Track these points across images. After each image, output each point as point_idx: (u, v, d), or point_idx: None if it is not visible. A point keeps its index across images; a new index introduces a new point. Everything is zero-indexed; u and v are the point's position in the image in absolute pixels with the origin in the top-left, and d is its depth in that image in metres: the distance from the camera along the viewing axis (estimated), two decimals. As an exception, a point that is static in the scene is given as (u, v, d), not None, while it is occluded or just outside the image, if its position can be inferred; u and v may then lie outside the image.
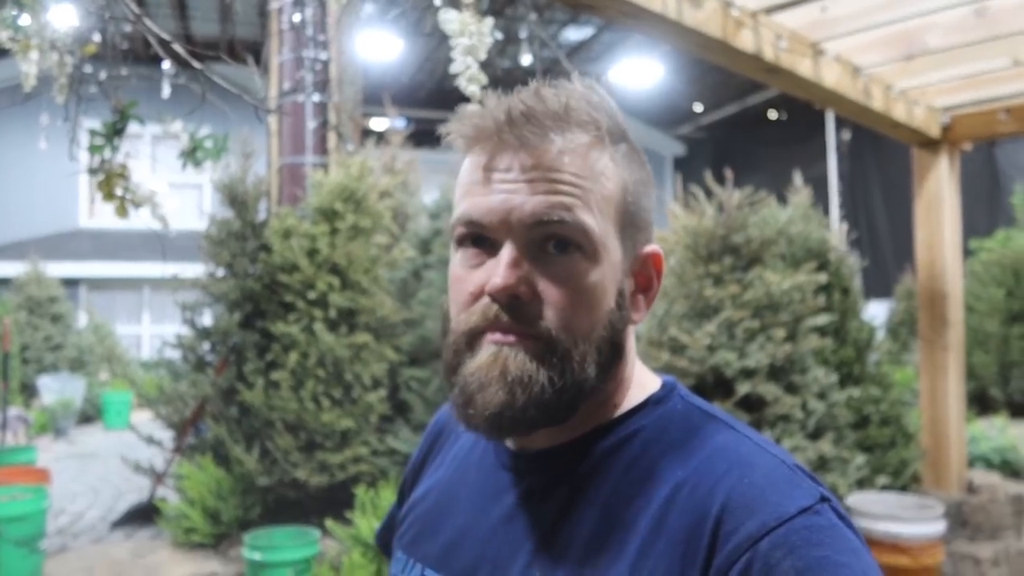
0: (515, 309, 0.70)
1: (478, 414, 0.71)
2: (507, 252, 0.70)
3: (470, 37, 1.35)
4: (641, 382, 0.80)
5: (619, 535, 0.69)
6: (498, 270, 0.69)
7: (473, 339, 0.72)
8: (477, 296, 0.72)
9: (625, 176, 0.75)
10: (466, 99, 1.24)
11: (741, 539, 0.63)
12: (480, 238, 0.73)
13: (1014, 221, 9.20)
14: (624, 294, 0.75)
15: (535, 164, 0.70)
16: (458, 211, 0.74)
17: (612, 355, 0.74)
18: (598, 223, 0.71)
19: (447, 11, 1.34)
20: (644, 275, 0.78)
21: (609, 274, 0.73)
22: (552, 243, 0.70)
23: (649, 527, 0.68)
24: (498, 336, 0.70)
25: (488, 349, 0.71)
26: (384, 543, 1.01)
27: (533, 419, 0.70)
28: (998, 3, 3.29)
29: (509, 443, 0.81)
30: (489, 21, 1.37)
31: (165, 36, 1.27)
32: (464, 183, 0.74)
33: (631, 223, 0.75)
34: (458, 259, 0.75)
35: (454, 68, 1.31)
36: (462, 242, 0.74)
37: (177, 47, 1.28)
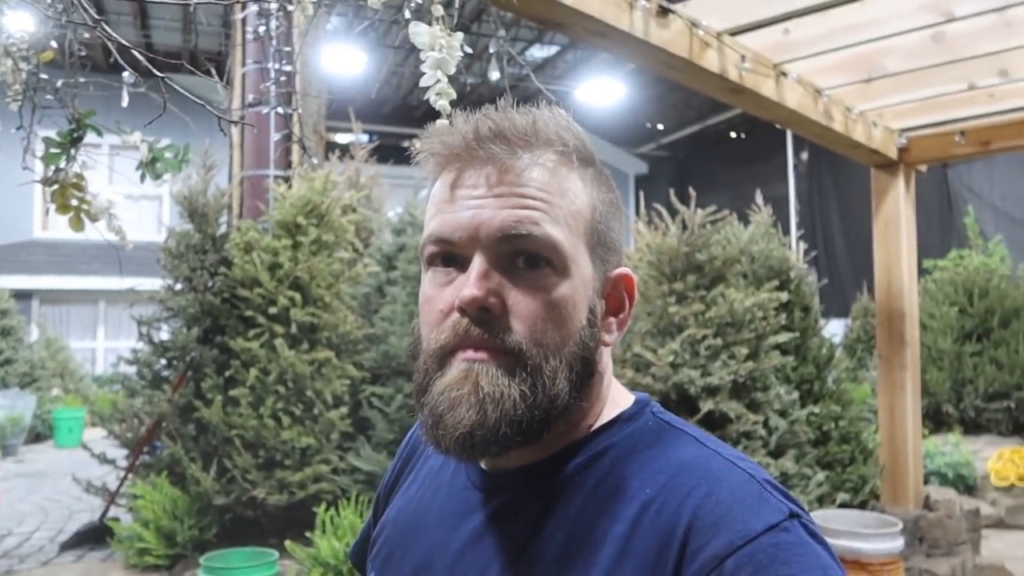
0: (485, 322, 0.68)
1: (448, 435, 0.69)
2: (477, 265, 0.69)
3: (440, 51, 1.33)
4: (615, 401, 0.79)
5: (587, 554, 0.68)
6: (468, 282, 0.69)
7: (444, 358, 0.70)
8: (447, 313, 0.71)
9: (594, 196, 0.75)
10: (432, 115, 1.23)
11: (707, 558, 0.62)
12: (450, 256, 0.72)
13: (966, 241, 9.46)
14: (595, 312, 0.74)
15: (503, 179, 0.70)
16: (427, 230, 0.73)
17: (584, 372, 0.73)
18: (567, 238, 0.71)
19: (417, 25, 1.32)
20: (615, 297, 0.78)
21: (580, 289, 0.72)
22: (522, 258, 0.70)
23: (617, 546, 0.67)
24: (469, 353, 0.69)
25: (459, 367, 0.69)
26: (358, 561, 0.99)
27: (505, 437, 0.68)
28: (955, 29, 3.38)
29: (480, 462, 0.79)
30: (459, 35, 1.35)
31: (125, 43, 1.24)
32: (434, 203, 0.74)
33: (601, 243, 0.75)
34: (428, 279, 0.74)
35: (424, 82, 1.29)
36: (432, 261, 0.74)
37: (138, 54, 1.24)
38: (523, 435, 0.69)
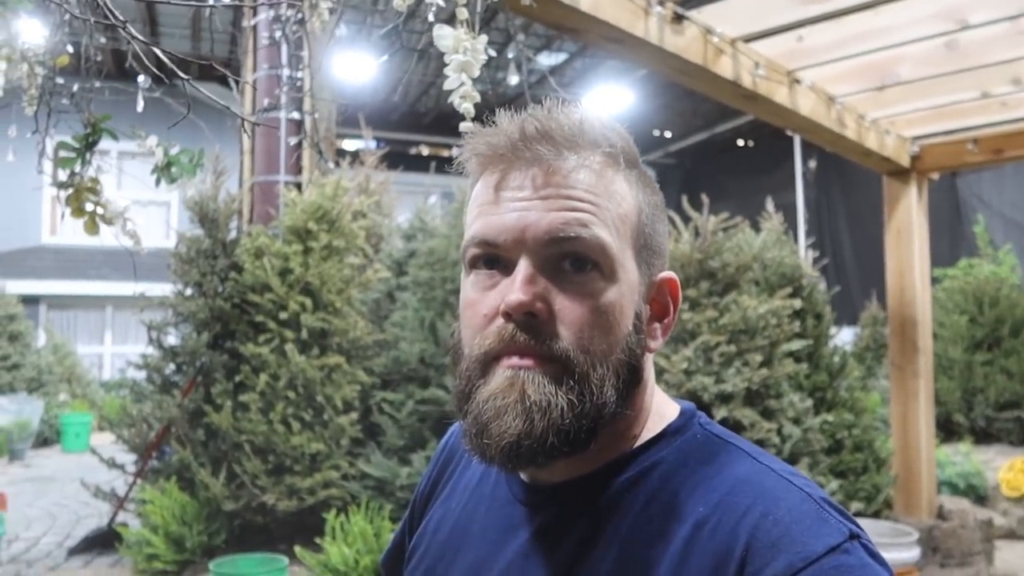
0: (531, 328, 0.67)
1: (493, 444, 0.67)
2: (523, 268, 0.67)
3: (464, 54, 1.33)
4: (660, 411, 0.77)
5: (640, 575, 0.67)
6: (514, 287, 0.67)
7: (487, 364, 0.69)
8: (492, 318, 0.69)
9: (640, 198, 0.74)
10: (440, 122, 1.23)
11: None
12: (494, 259, 0.70)
13: (976, 250, 9.42)
14: (641, 318, 0.72)
15: (549, 181, 0.68)
16: (470, 232, 0.72)
17: (631, 380, 0.71)
18: (615, 241, 0.69)
19: (441, 27, 1.32)
20: (660, 302, 0.76)
21: (627, 294, 0.70)
22: (569, 261, 0.68)
23: (672, 566, 0.65)
24: (515, 360, 0.67)
25: (504, 373, 0.67)
26: (390, 570, 0.97)
27: (552, 447, 0.66)
28: (968, 37, 3.37)
29: (523, 475, 0.78)
30: (483, 39, 1.35)
31: (151, 44, 1.24)
32: (476, 204, 0.72)
33: (647, 246, 0.73)
34: (470, 283, 0.72)
35: (447, 84, 1.29)
36: (475, 264, 0.72)
37: (161, 54, 1.24)
38: (570, 445, 0.67)
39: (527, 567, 0.73)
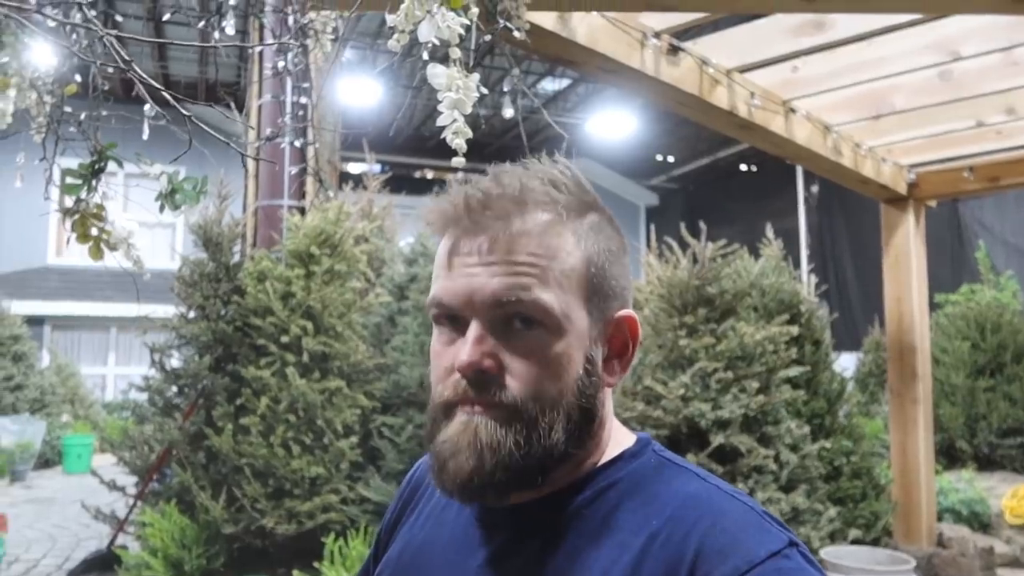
0: (481, 384, 0.74)
1: (450, 480, 0.74)
2: (472, 331, 0.74)
3: (456, 91, 1.37)
4: (617, 440, 0.83)
5: None
6: (464, 348, 0.73)
7: (448, 410, 0.76)
8: (450, 371, 0.76)
9: (590, 249, 0.77)
10: (443, 146, 1.28)
11: None
12: (453, 317, 0.77)
13: (978, 276, 9.42)
14: (593, 360, 0.77)
15: (493, 248, 0.74)
16: (431, 294, 0.79)
17: (583, 420, 0.77)
18: (558, 298, 0.74)
19: (434, 66, 1.36)
20: (619, 339, 0.81)
21: (575, 343, 0.75)
22: (517, 319, 0.74)
23: (626, 575, 0.70)
24: (468, 408, 0.74)
25: (460, 419, 0.75)
26: None
27: (501, 482, 0.73)
28: (962, 67, 3.42)
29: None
30: (475, 77, 1.39)
31: (155, 84, 1.28)
32: (436, 266, 0.79)
33: (598, 293, 0.78)
34: (435, 336, 0.80)
35: (440, 121, 1.33)
36: (438, 321, 0.79)
37: (167, 95, 1.29)
38: (519, 482, 0.74)
39: None
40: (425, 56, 1.53)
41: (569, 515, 0.77)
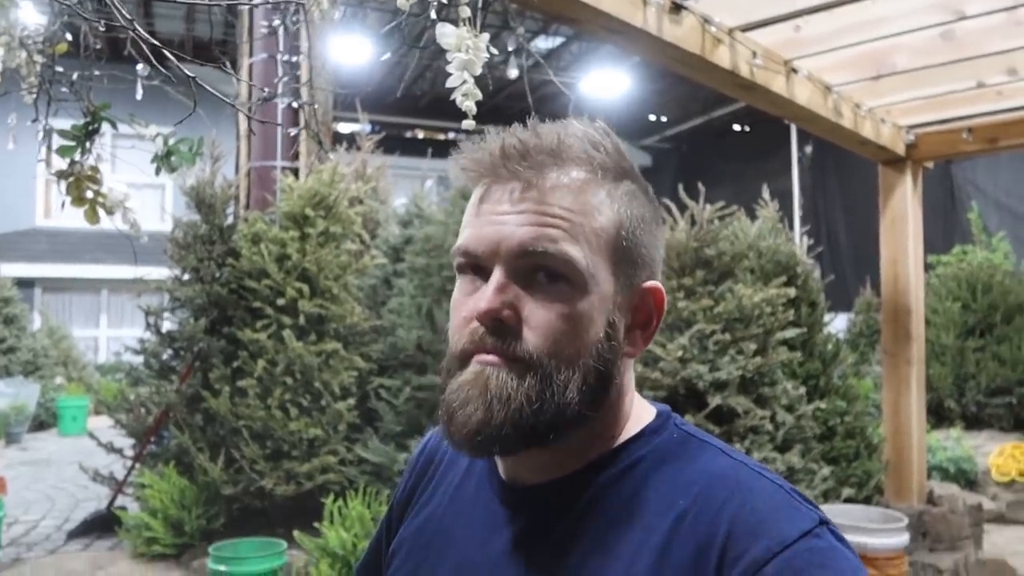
0: (499, 332, 0.72)
1: (458, 431, 0.73)
2: (495, 278, 0.73)
3: (466, 52, 1.34)
4: (637, 414, 0.81)
5: (625, 567, 0.70)
6: (485, 295, 0.72)
7: (463, 360, 0.74)
8: (469, 320, 0.74)
9: (623, 213, 0.76)
10: (434, 106, 1.26)
11: (747, 564, 0.65)
12: (476, 267, 0.75)
13: (970, 237, 9.46)
14: (616, 326, 0.76)
15: (525, 196, 0.73)
16: (457, 242, 0.77)
17: (600, 385, 0.75)
18: (585, 255, 0.72)
19: (444, 26, 1.33)
20: (643, 310, 0.79)
21: (598, 305, 0.74)
22: (542, 272, 0.72)
23: (655, 557, 0.69)
24: (483, 357, 0.73)
25: (473, 368, 0.73)
26: None
27: (509, 437, 0.71)
28: (964, 27, 3.38)
29: (503, 475, 0.81)
30: (485, 37, 1.36)
31: (155, 42, 1.25)
32: (466, 215, 0.78)
33: (626, 259, 0.76)
34: (458, 286, 0.78)
35: (450, 83, 1.31)
36: (462, 270, 0.77)
37: (168, 53, 1.25)
38: (528, 438, 0.72)
39: (512, 566, 0.76)
40: (433, 15, 1.50)
41: (593, 496, 0.75)
